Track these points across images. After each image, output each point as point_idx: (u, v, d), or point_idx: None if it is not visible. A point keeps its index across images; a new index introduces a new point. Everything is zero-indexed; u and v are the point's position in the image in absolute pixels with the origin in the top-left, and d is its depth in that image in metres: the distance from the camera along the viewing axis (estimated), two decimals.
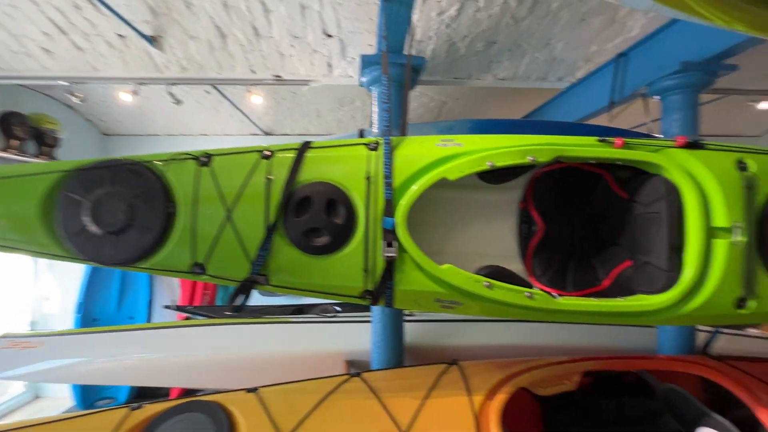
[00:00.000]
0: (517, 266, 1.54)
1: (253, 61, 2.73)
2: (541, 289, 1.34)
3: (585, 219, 1.53)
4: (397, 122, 1.58)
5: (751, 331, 2.79)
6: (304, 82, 2.91)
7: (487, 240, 1.57)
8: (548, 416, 1.64)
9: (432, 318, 2.18)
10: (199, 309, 3.48)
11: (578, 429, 1.63)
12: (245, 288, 1.23)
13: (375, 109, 1.92)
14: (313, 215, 1.22)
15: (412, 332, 2.07)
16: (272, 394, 1.52)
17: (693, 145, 1.29)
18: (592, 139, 1.30)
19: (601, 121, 2.73)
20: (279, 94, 3.91)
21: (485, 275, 1.23)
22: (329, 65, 2.78)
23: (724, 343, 2.25)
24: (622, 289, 1.38)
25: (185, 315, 3.28)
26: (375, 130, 1.94)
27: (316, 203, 1.22)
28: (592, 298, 1.26)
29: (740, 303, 1.23)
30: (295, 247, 1.23)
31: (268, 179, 1.24)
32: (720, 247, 1.21)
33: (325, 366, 2.04)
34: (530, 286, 1.26)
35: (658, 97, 2.06)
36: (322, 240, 1.22)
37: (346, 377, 1.61)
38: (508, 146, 1.25)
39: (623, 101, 2.40)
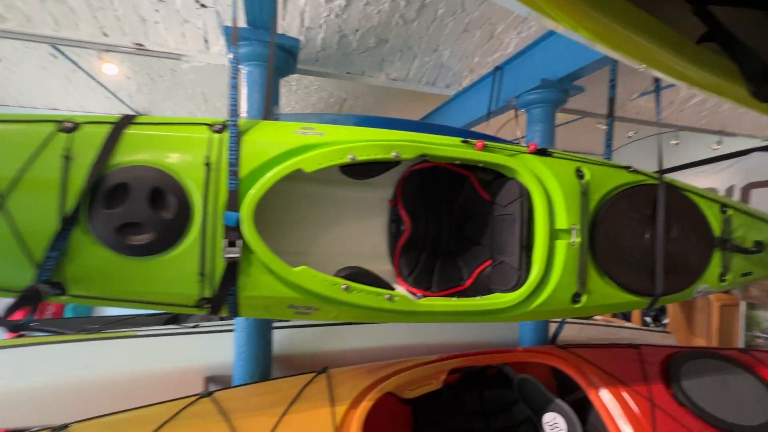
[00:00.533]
0: (386, 266, 1.49)
1: (105, 22, 2.27)
2: (407, 290, 1.31)
3: (452, 219, 1.55)
4: (260, 105, 1.41)
5: (596, 318, 3.28)
6: (176, 56, 2.53)
7: (356, 239, 1.50)
8: (417, 415, 1.63)
9: (304, 323, 2.04)
10: (41, 323, 2.79)
11: (445, 424, 1.65)
12: (26, 300, 0.93)
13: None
14: (131, 206, 0.98)
15: (281, 340, 1.90)
16: (87, 430, 1.21)
17: (541, 152, 1.38)
18: (456, 140, 1.31)
19: (483, 129, 2.94)
20: (154, 69, 3.38)
21: (344, 277, 1.14)
22: (206, 40, 2.46)
23: (576, 332, 2.58)
24: (482, 287, 1.43)
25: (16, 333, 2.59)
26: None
27: (136, 192, 0.99)
28: (450, 299, 1.27)
29: (576, 298, 1.34)
30: (103, 247, 0.97)
31: (66, 158, 0.96)
32: (560, 247, 1.30)
33: (181, 386, 1.75)
34: (392, 288, 1.21)
35: (524, 109, 2.26)
36: (143, 238, 0.99)
37: (192, 399, 1.38)
38: (371, 140, 1.18)
39: (499, 111, 2.59)
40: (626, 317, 4.48)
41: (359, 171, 1.26)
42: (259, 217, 1.07)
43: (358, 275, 1.20)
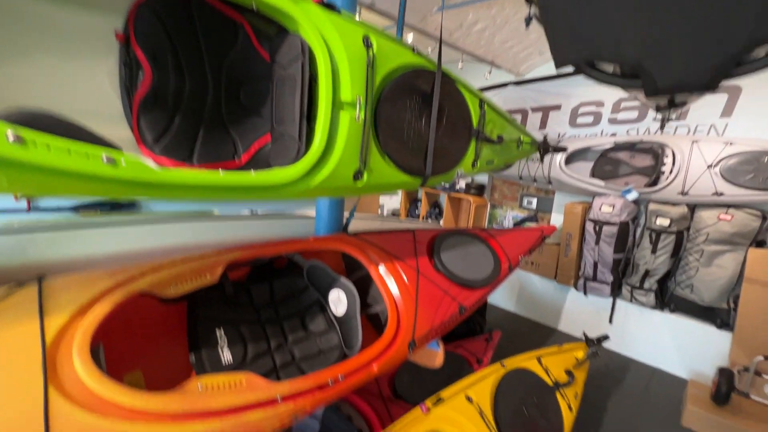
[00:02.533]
0: (121, 132, 1.09)
1: None
2: (153, 160, 0.97)
3: (221, 77, 1.25)
4: None
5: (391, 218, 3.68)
6: None
7: (71, 88, 1.02)
8: (194, 316, 1.42)
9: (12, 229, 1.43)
10: None
11: (230, 320, 1.51)
12: None
13: None
14: None
15: None
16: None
17: (329, 6, 1.19)
18: None
19: None
20: None
21: (16, 121, 0.71)
22: None
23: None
24: (261, 164, 1.24)
25: None
26: None
27: None
28: (214, 171, 1.00)
29: (357, 176, 1.30)
30: None
31: None
32: (344, 120, 1.20)
33: None
34: (116, 148, 0.85)
35: None
36: None
37: None
38: None
39: None
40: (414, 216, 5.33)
41: None
42: None
43: (51, 125, 0.76)
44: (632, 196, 3.52)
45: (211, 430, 1.03)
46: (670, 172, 3.30)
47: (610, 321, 3.89)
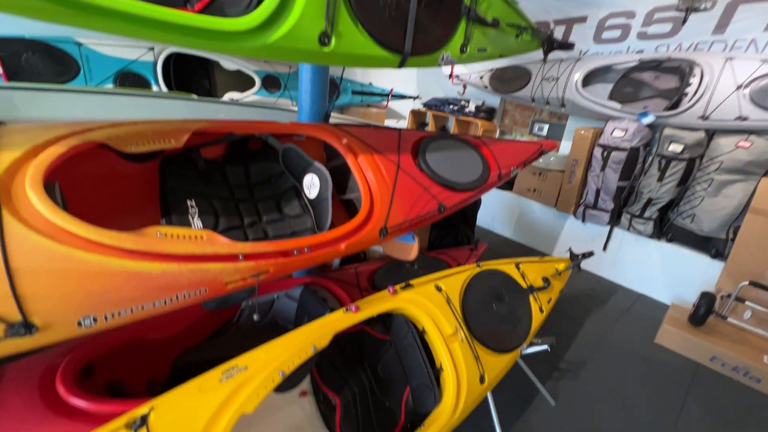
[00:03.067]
0: None
1: None
2: None
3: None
4: None
5: None
6: None
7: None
8: (166, 185, 1.43)
9: None
10: None
11: (203, 193, 1.53)
12: None
13: None
14: None
15: None
16: None
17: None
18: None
19: None
20: None
21: None
22: None
23: None
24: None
25: None
26: None
27: None
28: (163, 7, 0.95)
29: (323, 39, 1.21)
30: None
31: None
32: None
33: None
34: None
35: None
36: None
37: None
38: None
39: None
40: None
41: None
42: None
43: None
44: (648, 119, 3.29)
45: (168, 271, 1.09)
46: (695, 93, 3.03)
47: (605, 248, 3.89)
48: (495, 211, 4.90)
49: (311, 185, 1.65)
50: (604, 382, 2.50)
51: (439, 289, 1.73)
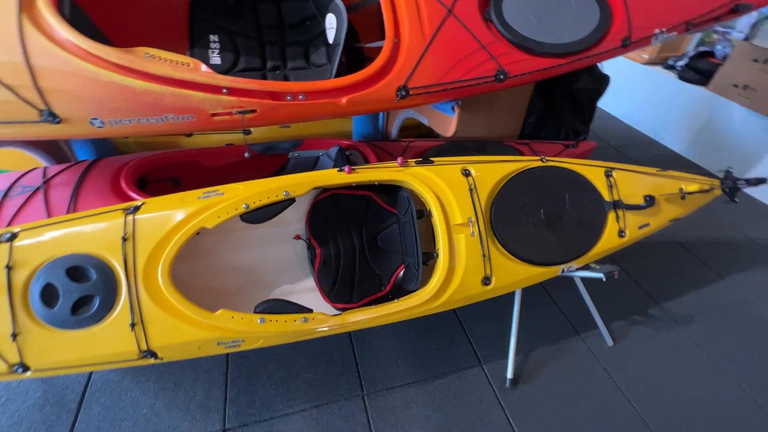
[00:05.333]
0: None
1: None
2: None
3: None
4: None
5: None
6: None
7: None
8: (195, 17, 1.47)
9: None
10: None
11: (230, 30, 1.53)
12: None
13: None
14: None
15: None
16: None
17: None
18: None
19: None
20: None
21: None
22: None
23: None
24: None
25: None
26: None
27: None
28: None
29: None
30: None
31: None
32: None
33: None
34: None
35: None
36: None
37: None
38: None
39: None
40: None
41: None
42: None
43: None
44: None
45: (153, 90, 1.17)
46: None
47: None
48: (669, 112, 3.57)
49: (330, 27, 1.44)
50: (713, 355, 1.86)
51: (466, 174, 1.43)
